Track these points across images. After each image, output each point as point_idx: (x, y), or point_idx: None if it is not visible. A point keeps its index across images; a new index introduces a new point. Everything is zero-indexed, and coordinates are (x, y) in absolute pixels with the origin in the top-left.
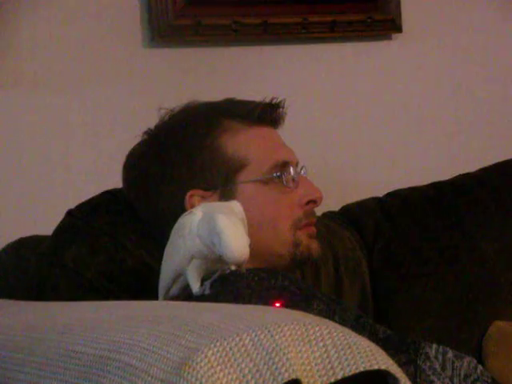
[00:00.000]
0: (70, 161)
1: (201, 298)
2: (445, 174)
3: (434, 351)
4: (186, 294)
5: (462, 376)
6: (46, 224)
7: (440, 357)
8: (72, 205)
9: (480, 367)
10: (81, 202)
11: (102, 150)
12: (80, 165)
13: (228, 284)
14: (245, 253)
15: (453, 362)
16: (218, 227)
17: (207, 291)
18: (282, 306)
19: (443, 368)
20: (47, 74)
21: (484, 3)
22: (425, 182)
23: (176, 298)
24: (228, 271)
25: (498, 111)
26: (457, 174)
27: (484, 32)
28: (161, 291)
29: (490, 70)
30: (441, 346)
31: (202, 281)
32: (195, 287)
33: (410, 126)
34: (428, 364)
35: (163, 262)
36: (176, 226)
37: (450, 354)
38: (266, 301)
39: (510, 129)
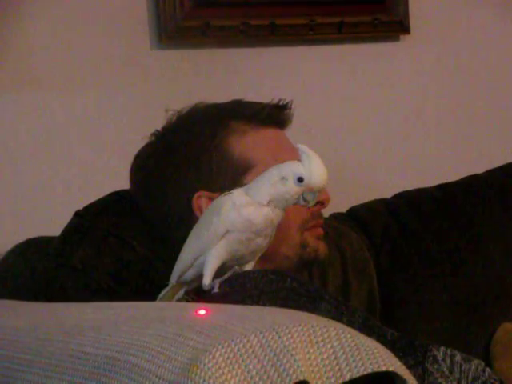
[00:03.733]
0: (78, 162)
1: (209, 297)
2: (452, 175)
3: (441, 354)
4: (198, 284)
5: (470, 379)
6: (53, 225)
7: (448, 359)
8: (79, 206)
9: (488, 370)
10: (88, 203)
11: (110, 150)
12: (87, 166)
13: (236, 284)
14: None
15: (461, 365)
16: (306, 150)
17: (215, 290)
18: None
19: (451, 371)
20: (54, 74)
21: (491, 5)
22: (432, 184)
23: (189, 283)
24: (239, 271)
25: (506, 113)
26: (464, 175)
27: (491, 33)
28: (175, 273)
29: (497, 71)
30: (449, 349)
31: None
32: (207, 279)
33: (417, 127)
34: (436, 367)
35: (186, 242)
36: (211, 206)
37: (458, 357)
38: (275, 302)
39: None
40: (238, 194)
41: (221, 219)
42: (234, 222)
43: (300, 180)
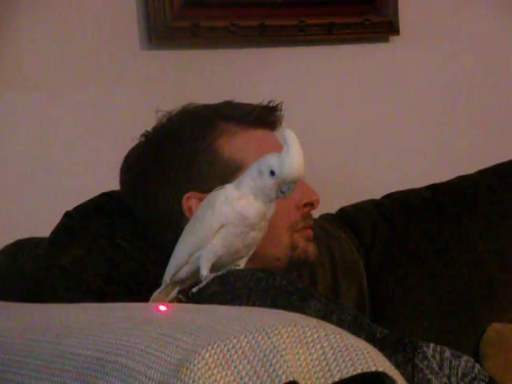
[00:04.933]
0: (68, 162)
1: (199, 296)
2: (442, 175)
3: (431, 350)
4: (191, 282)
5: (460, 375)
6: (43, 226)
7: (437, 356)
8: (69, 207)
9: (477, 366)
10: (78, 203)
11: (100, 151)
12: (77, 166)
13: (226, 284)
14: (303, 170)
15: (450, 361)
16: (287, 138)
17: (208, 280)
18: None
19: (441, 367)
20: (44, 75)
21: (482, 5)
22: (422, 184)
23: (182, 281)
24: (236, 268)
25: (495, 113)
26: (454, 175)
27: (482, 34)
28: (169, 271)
29: (487, 72)
30: (438, 346)
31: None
32: (204, 271)
33: (407, 128)
34: (425, 363)
35: (181, 238)
36: (205, 201)
37: (448, 353)
38: (264, 301)
39: (508, 131)
40: (230, 189)
41: (215, 213)
42: (227, 215)
43: (272, 173)
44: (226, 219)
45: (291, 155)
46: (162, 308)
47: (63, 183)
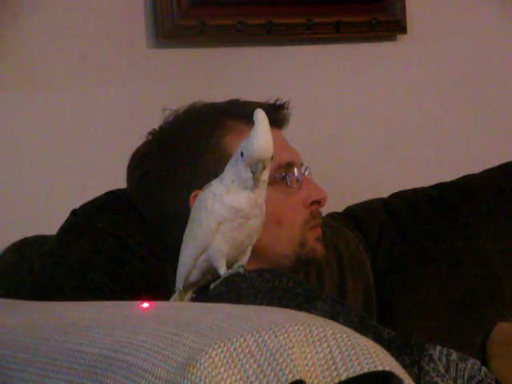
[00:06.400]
0: (74, 161)
1: (206, 297)
2: (449, 175)
3: (437, 353)
4: (204, 282)
5: (466, 378)
6: (50, 224)
7: (444, 358)
8: (76, 205)
9: (484, 369)
10: (85, 202)
11: (107, 149)
12: (84, 165)
13: (232, 284)
14: (269, 150)
15: (457, 364)
16: (256, 120)
17: (242, 270)
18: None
19: (447, 370)
20: (51, 73)
21: (488, 5)
22: (429, 183)
23: (195, 284)
24: (242, 270)
25: (502, 112)
26: (461, 175)
27: (488, 33)
28: (180, 278)
29: (493, 71)
30: (445, 348)
31: (211, 282)
32: (222, 270)
33: (413, 127)
34: (432, 366)
35: (183, 245)
36: (196, 202)
37: (454, 356)
38: (271, 302)
39: None
40: (216, 185)
41: (209, 214)
42: (221, 212)
43: (242, 154)
44: (220, 216)
45: (257, 134)
46: (145, 305)
47: (70, 181)
